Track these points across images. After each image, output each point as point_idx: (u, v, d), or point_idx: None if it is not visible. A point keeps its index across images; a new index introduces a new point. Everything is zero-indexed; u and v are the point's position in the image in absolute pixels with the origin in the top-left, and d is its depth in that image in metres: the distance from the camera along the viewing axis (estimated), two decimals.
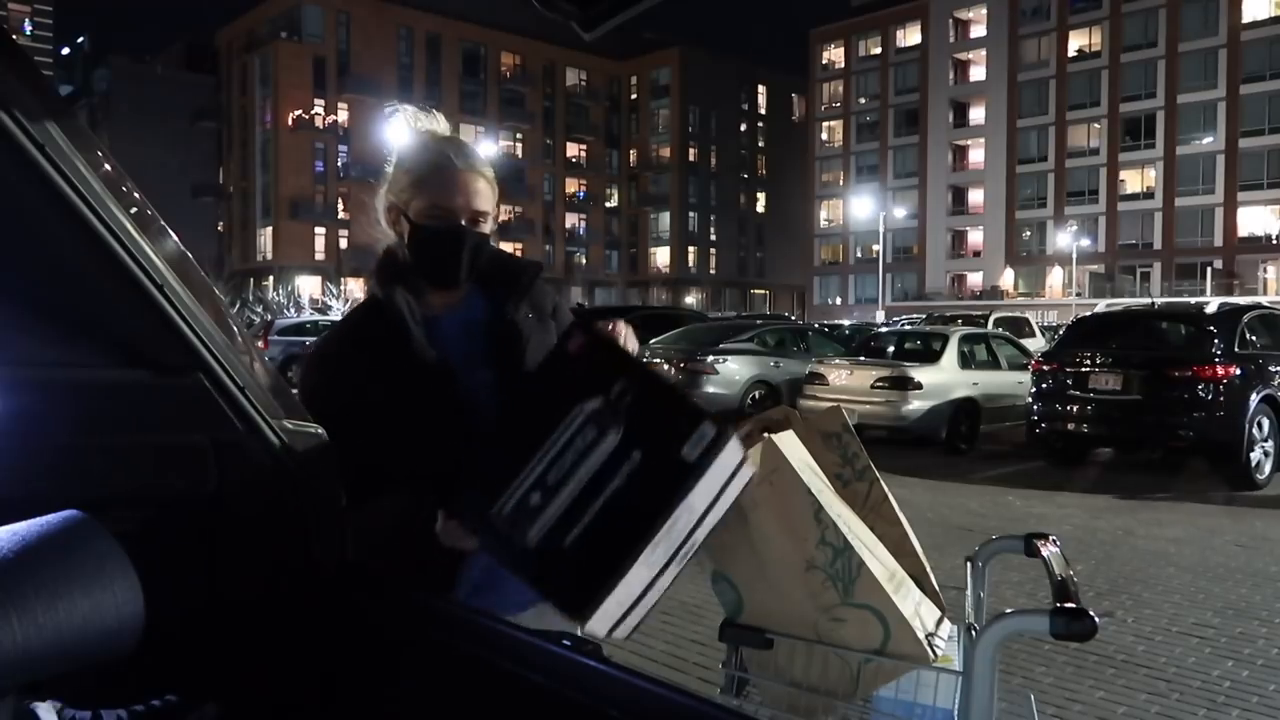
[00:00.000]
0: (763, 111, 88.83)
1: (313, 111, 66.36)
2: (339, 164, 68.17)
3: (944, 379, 11.41)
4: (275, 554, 1.34)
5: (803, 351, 14.04)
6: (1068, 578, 1.33)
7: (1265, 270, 56.24)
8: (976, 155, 67.58)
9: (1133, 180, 60.82)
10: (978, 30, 67.12)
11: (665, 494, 1.08)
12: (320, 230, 67.60)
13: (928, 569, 1.56)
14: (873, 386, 11.26)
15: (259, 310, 42.38)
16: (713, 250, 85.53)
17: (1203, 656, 4.18)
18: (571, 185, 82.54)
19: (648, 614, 1.15)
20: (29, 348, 1.23)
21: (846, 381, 11.56)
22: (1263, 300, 25.59)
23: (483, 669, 1.12)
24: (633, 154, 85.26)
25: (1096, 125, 61.38)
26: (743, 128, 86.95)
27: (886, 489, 1.62)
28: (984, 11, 66.14)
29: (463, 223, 1.59)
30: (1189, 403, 8.58)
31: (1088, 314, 12.34)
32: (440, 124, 1.67)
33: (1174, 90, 58.15)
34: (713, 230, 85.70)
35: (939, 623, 1.45)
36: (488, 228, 1.62)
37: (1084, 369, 9.45)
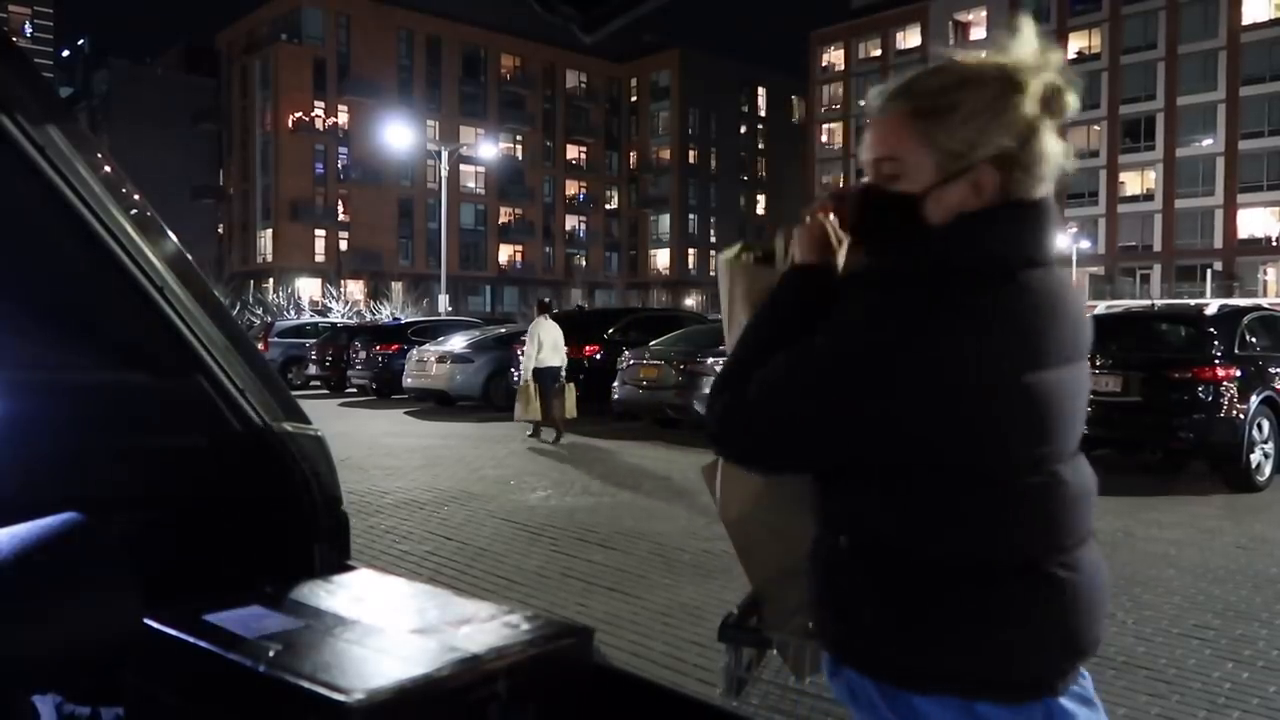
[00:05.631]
0: (762, 113, 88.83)
1: (313, 114, 66.39)
2: (339, 166, 68.23)
3: None
4: (277, 555, 1.33)
5: None
6: None
7: (1265, 272, 56.23)
8: None
9: (1132, 182, 60.81)
10: (978, 32, 67.03)
11: None
12: (320, 232, 67.63)
13: None
14: None
15: (259, 312, 42.39)
16: (713, 252, 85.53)
17: (1203, 658, 4.18)
18: (572, 187, 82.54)
19: None
20: (29, 351, 1.23)
21: None
22: (1262, 302, 25.57)
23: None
24: (633, 156, 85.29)
25: (1096, 127, 61.35)
26: (742, 130, 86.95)
27: None
28: (984, 14, 66.08)
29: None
30: (1189, 404, 8.55)
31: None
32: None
33: (1174, 92, 58.16)
34: (713, 232, 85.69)
35: None
36: (886, 170, 1.33)
37: None
